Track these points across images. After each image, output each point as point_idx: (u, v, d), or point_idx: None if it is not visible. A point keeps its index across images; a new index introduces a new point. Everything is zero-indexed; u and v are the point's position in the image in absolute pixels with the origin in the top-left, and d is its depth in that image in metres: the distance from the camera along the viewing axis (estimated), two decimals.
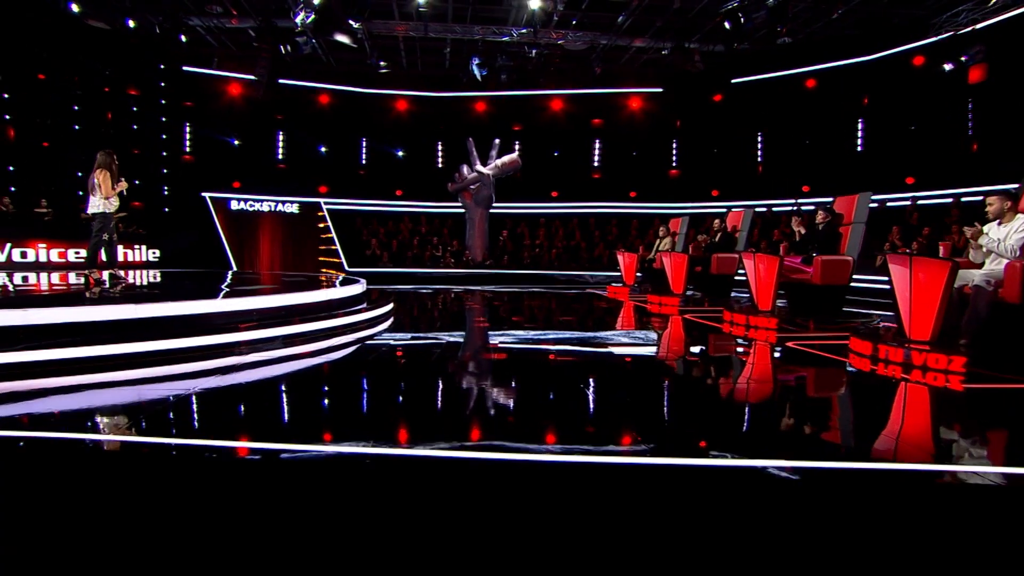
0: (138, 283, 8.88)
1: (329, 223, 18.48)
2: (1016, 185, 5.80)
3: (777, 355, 5.58)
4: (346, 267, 17.22)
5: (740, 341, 6.40)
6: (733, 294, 10.25)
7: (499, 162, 17.31)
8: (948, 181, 13.01)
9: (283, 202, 18.42)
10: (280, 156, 18.82)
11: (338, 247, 17.80)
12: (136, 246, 13.51)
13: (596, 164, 19.96)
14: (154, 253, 13.55)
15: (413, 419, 3.44)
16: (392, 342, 6.25)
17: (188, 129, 17.33)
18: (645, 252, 12.95)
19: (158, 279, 9.86)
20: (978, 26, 12.42)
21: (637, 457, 2.70)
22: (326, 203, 18.76)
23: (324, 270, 18.14)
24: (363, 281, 9.19)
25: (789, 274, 7.28)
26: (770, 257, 7.22)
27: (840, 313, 7.29)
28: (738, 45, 13.74)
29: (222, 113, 17.28)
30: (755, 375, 4.82)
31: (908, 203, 13.65)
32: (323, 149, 19.37)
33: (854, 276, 7.08)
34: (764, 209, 16.31)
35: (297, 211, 18.67)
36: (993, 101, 12.96)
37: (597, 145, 19.86)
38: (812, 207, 14.39)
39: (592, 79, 17.94)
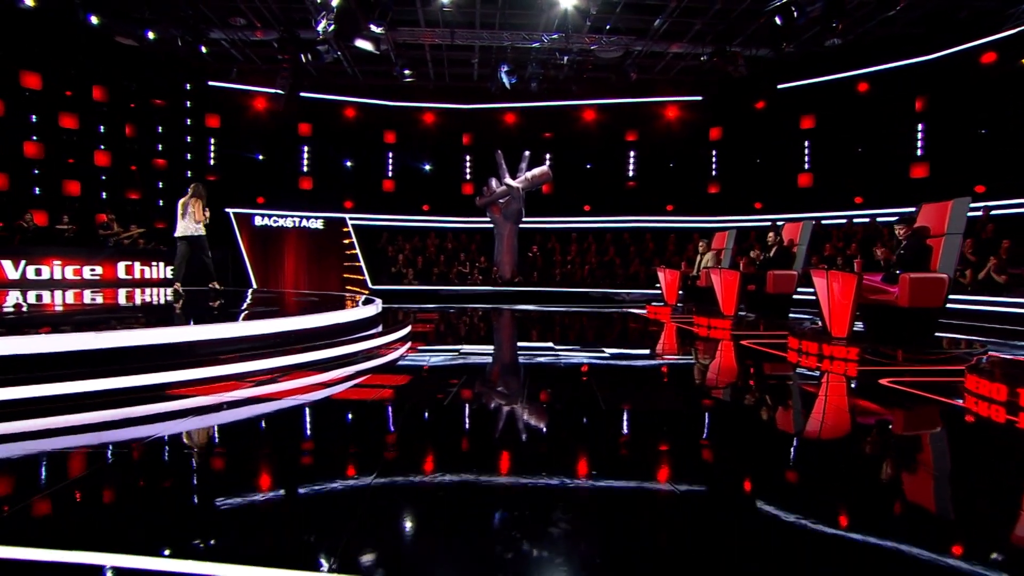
0: (127, 303, 8.22)
1: (354, 239, 17.88)
2: None
3: (876, 398, 4.49)
4: (369, 284, 16.53)
5: (818, 376, 5.31)
6: (791, 315, 9.11)
7: (529, 175, 16.47)
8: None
9: (307, 218, 17.90)
10: (305, 171, 18.35)
11: (362, 264, 17.14)
12: (154, 263, 13.00)
13: (630, 176, 18.97)
14: (171, 270, 12.94)
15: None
16: (397, 382, 5.35)
17: (212, 144, 16.95)
18: (687, 269, 11.87)
19: (148, 300, 9.20)
20: None
21: None
22: (351, 219, 18.18)
23: (348, 288, 17.52)
24: (378, 301, 8.36)
25: (868, 295, 6.17)
26: (846, 275, 6.12)
27: (932, 341, 6.13)
28: (787, 46, 12.66)
29: (247, 128, 16.90)
30: (873, 436, 3.75)
31: (980, 213, 12.29)
32: (348, 163, 18.84)
33: (950, 296, 5.93)
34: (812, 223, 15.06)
35: (322, 227, 18.12)
36: None
37: (632, 156, 18.89)
38: (891, 219, 13.25)
39: (626, 88, 17.04)
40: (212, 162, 16.95)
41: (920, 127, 14.49)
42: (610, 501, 2.43)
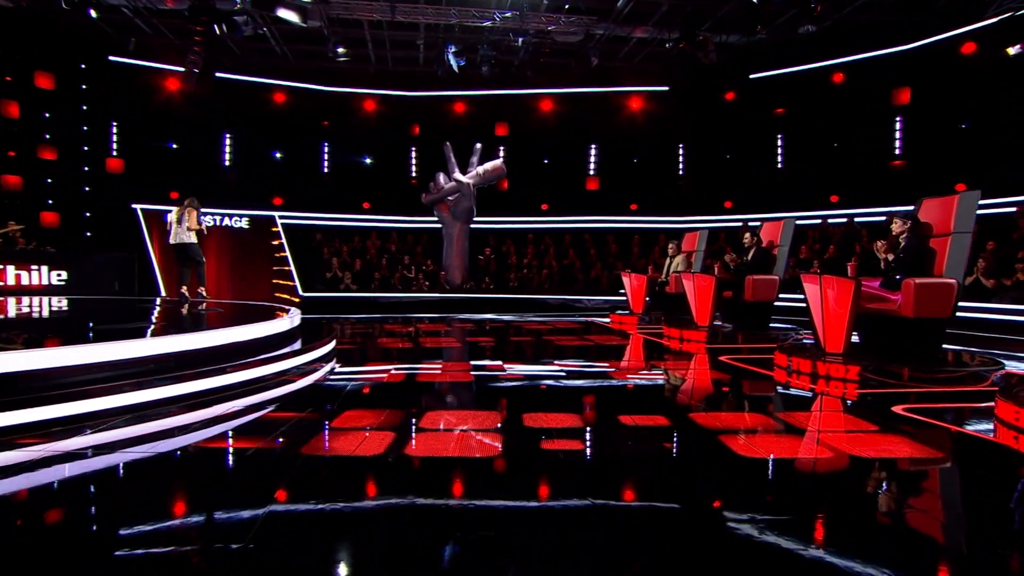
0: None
1: (284, 240, 16.69)
2: None
3: (898, 435, 3.84)
4: (300, 291, 15.40)
5: (817, 403, 4.66)
6: (772, 325, 8.56)
7: (481, 170, 15.66)
8: (1010, 188, 11.51)
9: (230, 216, 16.62)
10: (227, 163, 17.06)
11: (292, 268, 15.97)
12: (35, 267, 11.59)
13: (592, 173, 18.39)
14: (59, 275, 11.65)
15: None
16: (297, 415, 4.43)
17: (115, 130, 15.51)
18: (655, 273, 11.28)
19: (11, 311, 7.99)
20: None
21: None
22: (281, 217, 16.99)
23: (277, 295, 16.32)
24: (295, 312, 7.39)
25: (866, 304, 5.60)
26: (842, 281, 5.53)
27: (939, 356, 5.60)
28: (760, 30, 12.27)
29: (157, 112, 15.53)
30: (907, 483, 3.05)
31: None
32: (278, 155, 17.65)
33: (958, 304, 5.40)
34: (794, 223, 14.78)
35: (247, 226, 16.87)
36: None
37: (593, 151, 18.32)
38: (884, 218, 12.97)
39: (587, 76, 16.44)
40: (115, 151, 15.50)
41: (898, 121, 14.38)
42: None
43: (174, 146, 16.38)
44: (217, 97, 15.79)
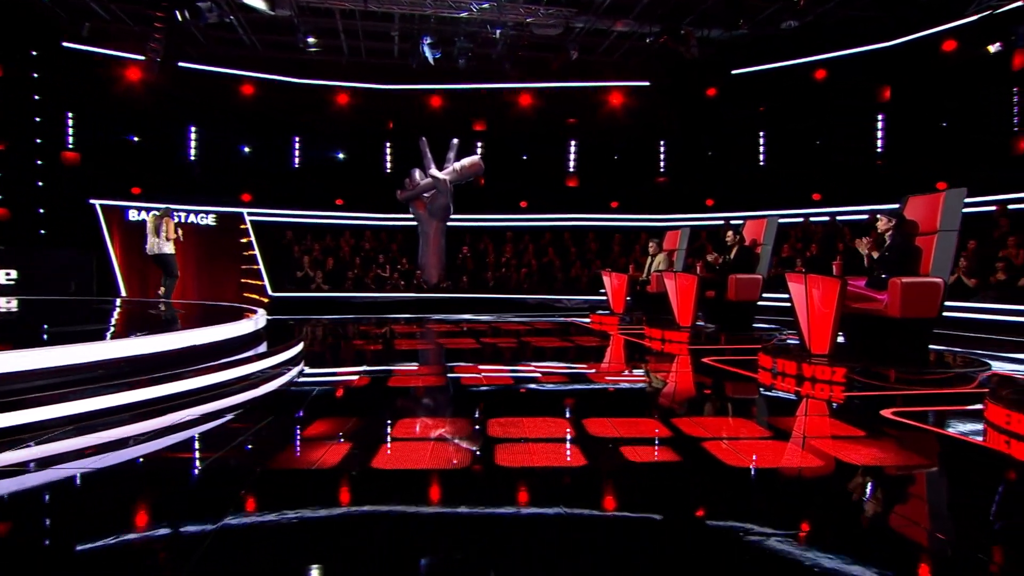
0: None
1: (252, 238, 16.31)
2: None
3: (889, 440, 3.76)
4: (270, 291, 15.06)
5: (803, 407, 4.59)
6: (756, 326, 8.53)
7: (458, 166, 15.48)
8: (991, 186, 11.66)
9: (196, 212, 16.20)
10: (193, 157, 16.64)
11: (261, 267, 15.61)
12: None
13: (571, 170, 18.31)
14: (7, 274, 11.22)
15: None
16: (256, 424, 4.23)
17: (71, 121, 15.00)
18: (636, 272, 11.21)
19: None
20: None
21: None
22: (250, 214, 16.61)
23: (246, 295, 15.96)
24: (261, 314, 7.15)
25: (851, 303, 5.55)
26: (828, 280, 5.47)
27: (926, 356, 5.57)
28: (742, 24, 12.27)
29: (118, 103, 15.05)
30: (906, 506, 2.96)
31: None
32: (246, 149, 17.27)
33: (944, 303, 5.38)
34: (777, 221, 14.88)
35: (214, 223, 16.46)
36: None
37: (572, 147, 18.24)
38: (866, 216, 13.08)
39: (566, 71, 16.34)
40: (71, 143, 15.00)
41: (880, 118, 14.52)
42: None
43: (135, 139, 15.92)
44: (181, 88, 15.40)
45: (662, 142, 17.93)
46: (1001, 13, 11.92)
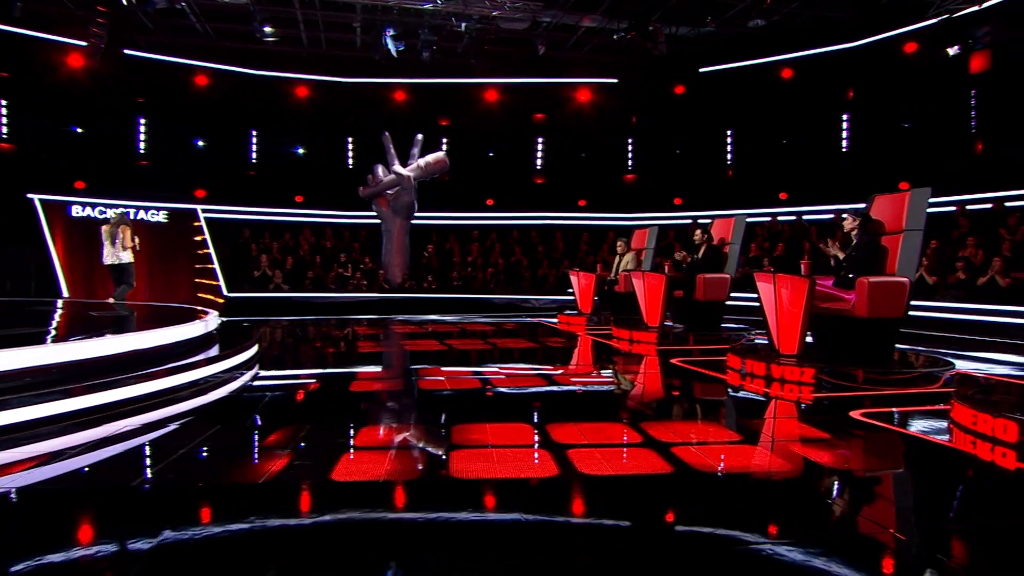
0: None
1: (207, 236, 15.82)
2: None
3: (860, 442, 3.77)
4: (225, 291, 14.63)
5: (772, 408, 4.59)
6: (724, 325, 8.58)
7: (422, 162, 15.25)
8: (951, 186, 11.99)
9: (146, 208, 15.61)
10: (142, 150, 16.06)
11: (216, 266, 15.16)
12: None
13: (539, 167, 18.26)
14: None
15: None
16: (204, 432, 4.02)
17: (4, 108, 14.29)
18: (604, 272, 11.21)
19: None
20: (985, 4, 11.53)
21: None
22: (204, 211, 16.10)
23: (201, 295, 15.48)
24: (213, 315, 6.89)
25: (819, 303, 5.59)
26: (796, 279, 5.50)
27: (893, 356, 5.64)
28: (710, 22, 12.37)
29: (58, 91, 14.40)
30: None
31: None
32: (200, 143, 16.75)
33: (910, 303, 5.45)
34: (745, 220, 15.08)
35: (165, 220, 15.89)
36: (999, 93, 12.13)
37: (540, 144, 18.18)
38: (832, 215, 13.29)
39: (533, 66, 16.29)
40: (4, 133, 14.29)
41: (845, 118, 14.83)
42: None
43: (78, 130, 15.27)
44: (129, 77, 14.84)
45: (630, 140, 18.00)
46: (959, 17, 12.28)
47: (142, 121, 16.00)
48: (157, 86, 15.70)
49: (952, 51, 11.99)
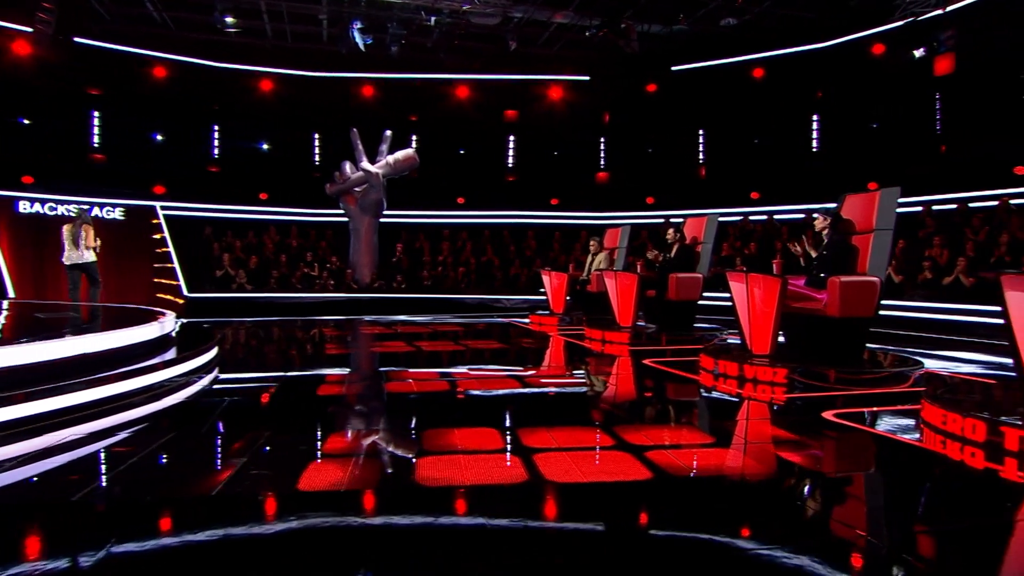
0: None
1: (166, 234, 15.40)
2: None
3: (833, 444, 3.78)
4: (185, 292, 14.26)
5: (745, 410, 4.60)
6: (696, 325, 8.61)
7: (391, 159, 15.07)
8: (918, 187, 12.26)
9: (101, 205, 15.13)
10: (96, 143, 15.56)
11: (176, 265, 14.76)
12: None
13: (510, 165, 18.20)
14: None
15: None
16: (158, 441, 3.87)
17: None
18: (576, 271, 11.19)
19: None
20: (949, 8, 11.82)
21: None
22: (163, 208, 15.68)
23: (160, 296, 15.07)
24: (170, 315, 6.67)
25: (791, 303, 5.63)
26: (769, 279, 5.53)
27: (863, 356, 5.71)
28: (682, 20, 12.45)
29: (2, 80, 13.84)
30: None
31: None
32: (159, 137, 16.32)
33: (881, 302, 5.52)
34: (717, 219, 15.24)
35: (122, 217, 15.43)
36: (963, 96, 12.46)
37: (511, 142, 18.13)
38: (802, 215, 13.47)
39: (505, 61, 16.22)
40: None
41: (815, 118, 15.07)
42: None
43: (25, 121, 14.74)
44: (82, 67, 14.38)
45: (602, 138, 18.05)
46: (923, 20, 12.57)
47: (96, 114, 15.51)
48: (112, 77, 15.23)
49: (918, 53, 12.27)
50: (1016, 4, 11.35)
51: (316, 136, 17.61)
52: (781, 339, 5.84)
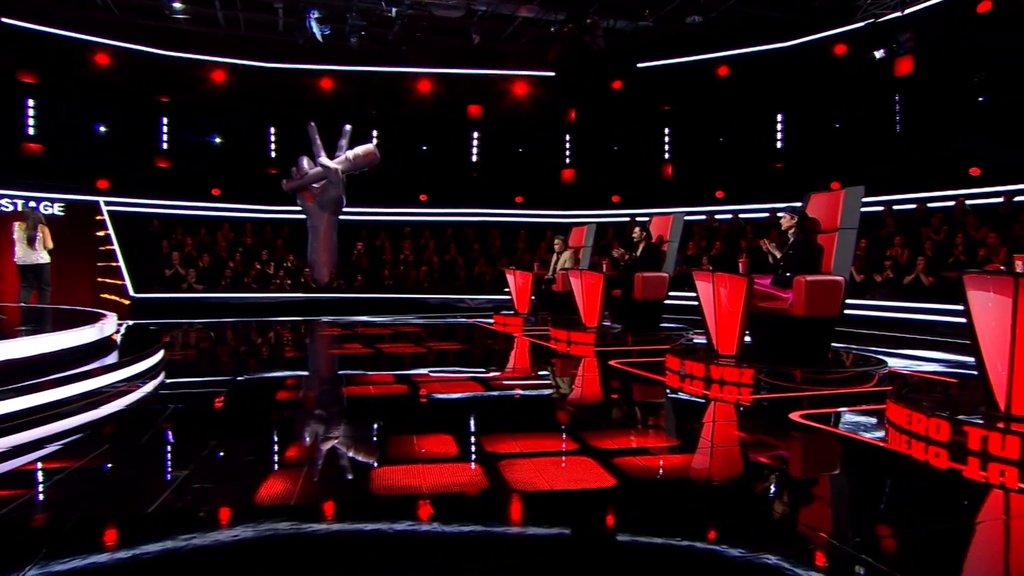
0: None
1: (111, 231, 14.83)
2: None
3: (801, 447, 3.79)
4: (131, 292, 13.75)
5: (711, 412, 4.60)
6: (663, 325, 8.65)
7: (351, 154, 14.82)
8: (879, 187, 12.58)
9: (38, 200, 14.48)
10: (32, 134, 14.91)
11: (121, 264, 14.23)
12: None
13: (474, 161, 18.10)
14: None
15: None
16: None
17: None
18: (541, 270, 11.15)
19: None
20: (907, 10, 12.15)
21: None
22: (107, 203, 15.11)
23: (104, 296, 14.51)
24: (111, 317, 6.38)
25: (758, 302, 5.66)
26: (735, 278, 5.55)
27: (829, 355, 5.78)
28: (648, 15, 12.53)
29: None
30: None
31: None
32: (102, 129, 15.72)
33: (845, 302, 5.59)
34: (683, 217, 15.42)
35: (61, 213, 14.80)
36: (921, 97, 12.82)
37: (475, 138, 18.02)
38: (767, 214, 13.67)
39: (469, 55, 16.11)
40: None
41: (780, 118, 15.36)
42: None
43: None
44: (13, 52, 13.76)
45: (568, 136, 18.08)
46: (883, 22, 12.91)
47: (30, 102, 14.86)
48: (49, 63, 14.63)
49: (878, 54, 12.59)
50: (971, 8, 11.74)
51: (272, 130, 17.23)
52: (747, 339, 5.87)
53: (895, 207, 12.39)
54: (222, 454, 3.40)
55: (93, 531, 2.40)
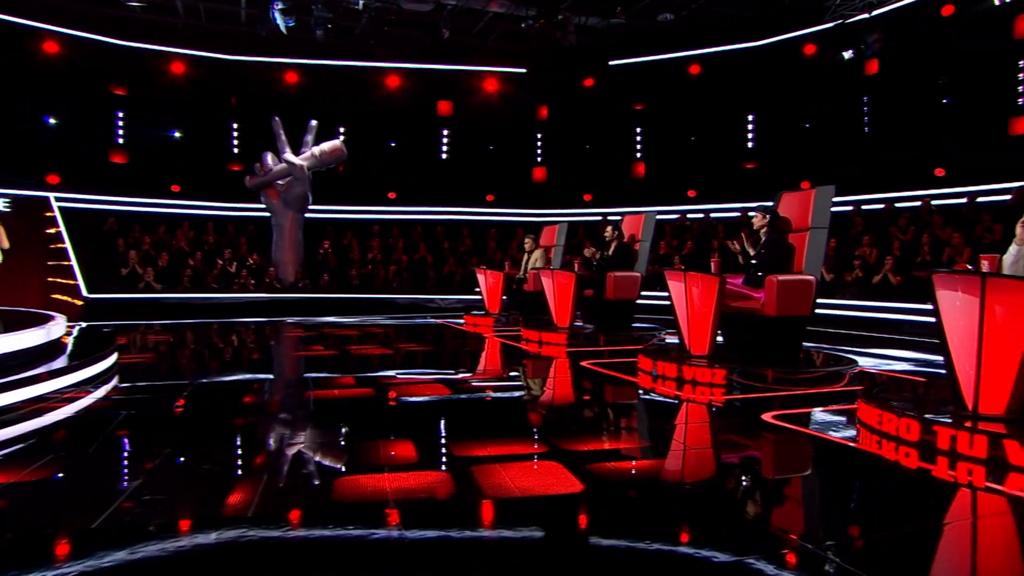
0: None
1: (62, 228, 14.37)
2: None
3: (773, 448, 3.81)
4: (84, 292, 13.35)
5: (683, 414, 4.61)
6: (635, 325, 8.68)
7: (317, 150, 14.61)
8: (848, 187, 12.83)
9: None
10: None
11: (74, 263, 13.80)
12: None
13: (444, 159, 17.97)
14: None
15: None
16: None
17: None
18: (512, 270, 11.12)
19: None
20: (875, 12, 12.40)
21: None
22: (58, 199, 14.64)
23: (55, 296, 14.05)
24: (59, 319, 6.17)
25: (729, 302, 5.70)
26: (707, 278, 5.57)
27: (800, 355, 5.85)
28: (619, 12, 12.57)
29: None
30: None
31: None
32: (52, 121, 15.23)
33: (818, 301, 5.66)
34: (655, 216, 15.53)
35: (8, 209, 14.29)
36: (888, 98, 13.11)
37: (445, 135, 17.90)
38: (738, 213, 13.81)
39: (439, 51, 15.99)
40: None
41: (751, 117, 15.56)
42: None
43: None
44: None
45: (539, 133, 18.07)
46: (852, 23, 13.17)
47: None
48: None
49: (847, 55, 12.84)
50: (935, 11, 12.03)
51: (234, 125, 16.87)
52: (720, 339, 5.91)
53: (863, 207, 12.64)
54: (177, 462, 3.28)
55: (34, 547, 2.28)
